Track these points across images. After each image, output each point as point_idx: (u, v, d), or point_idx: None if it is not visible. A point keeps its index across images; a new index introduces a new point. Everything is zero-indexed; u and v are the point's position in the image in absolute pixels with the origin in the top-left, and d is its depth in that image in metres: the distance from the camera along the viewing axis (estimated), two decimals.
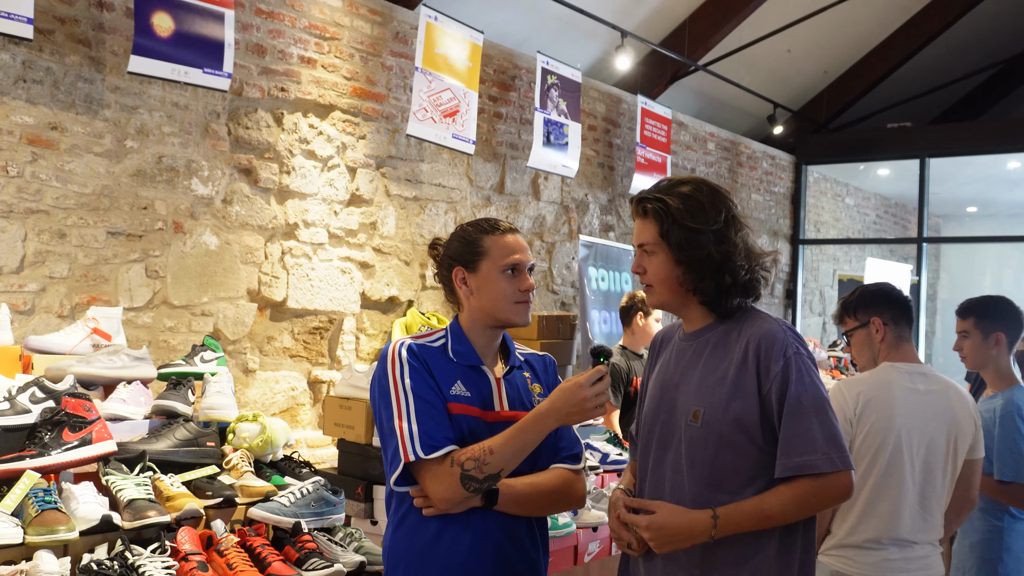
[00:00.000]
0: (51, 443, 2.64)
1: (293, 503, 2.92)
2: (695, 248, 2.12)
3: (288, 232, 4.98)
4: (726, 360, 2.12)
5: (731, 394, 2.09)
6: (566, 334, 5.99)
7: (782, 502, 2.04)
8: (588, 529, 3.72)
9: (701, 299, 2.17)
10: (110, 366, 3.12)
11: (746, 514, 2.05)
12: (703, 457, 2.10)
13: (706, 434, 2.10)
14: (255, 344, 4.87)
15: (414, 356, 2.24)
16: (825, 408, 2.06)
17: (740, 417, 2.07)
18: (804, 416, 2.04)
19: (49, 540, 2.39)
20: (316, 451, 4.88)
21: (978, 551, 3.63)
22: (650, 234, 2.17)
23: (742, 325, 2.15)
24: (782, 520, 2.06)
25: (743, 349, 2.10)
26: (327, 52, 5.15)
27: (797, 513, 2.06)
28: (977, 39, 10.12)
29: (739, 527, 2.05)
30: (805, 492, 2.03)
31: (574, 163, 6.53)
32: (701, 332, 2.21)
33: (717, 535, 2.04)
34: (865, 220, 12.23)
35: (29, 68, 3.94)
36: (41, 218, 3.99)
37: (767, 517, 2.04)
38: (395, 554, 2.25)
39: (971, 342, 3.67)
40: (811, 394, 2.05)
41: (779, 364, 2.06)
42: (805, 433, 2.03)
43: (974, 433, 3.14)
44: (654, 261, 2.18)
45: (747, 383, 2.08)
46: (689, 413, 2.13)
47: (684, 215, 2.12)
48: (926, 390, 3.11)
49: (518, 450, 2.16)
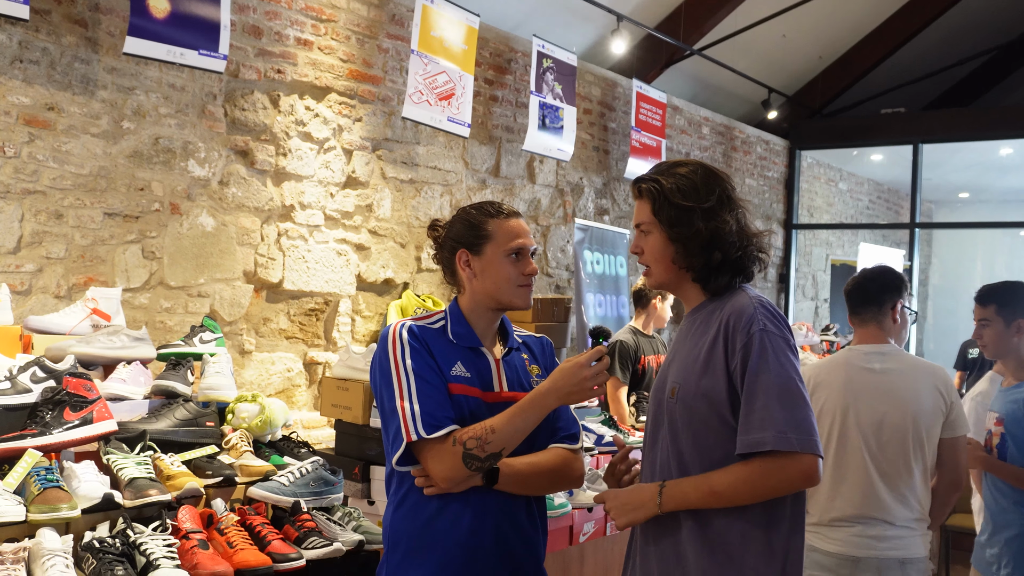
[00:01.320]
0: (52, 422, 2.65)
1: (292, 483, 2.94)
2: (684, 225, 2.12)
3: (284, 214, 4.99)
4: (704, 337, 2.13)
5: (702, 370, 2.08)
6: (561, 317, 6.01)
7: (731, 480, 1.99)
8: (583, 510, 3.76)
9: (694, 276, 2.18)
10: (110, 346, 3.14)
11: (692, 486, 2.03)
12: (681, 434, 2.11)
13: (681, 410, 2.10)
14: (251, 325, 4.89)
15: (415, 337, 2.26)
16: (789, 387, 1.99)
17: (709, 393, 2.06)
18: (763, 393, 1.98)
19: (51, 518, 2.41)
20: (312, 432, 4.91)
21: (1015, 546, 3.43)
22: (645, 213, 2.20)
23: (725, 303, 2.14)
24: (732, 499, 2.00)
25: (717, 325, 2.10)
26: (324, 34, 5.14)
27: (748, 493, 1.99)
28: (971, 26, 10.14)
29: (684, 499, 2.03)
30: (756, 472, 1.97)
31: (569, 147, 6.53)
32: (696, 311, 2.23)
33: (664, 505, 2.04)
34: (858, 205, 12.28)
35: (26, 48, 3.93)
36: (38, 199, 3.99)
37: (714, 493, 2.00)
38: (396, 533, 2.27)
39: (992, 330, 3.53)
40: (774, 372, 1.99)
41: (743, 340, 2.03)
42: (762, 410, 1.97)
43: (946, 411, 3.14)
44: (650, 240, 2.20)
45: (716, 359, 2.07)
46: (670, 390, 2.16)
47: (675, 194, 2.14)
48: (882, 369, 3.17)
49: (519, 429, 2.18)
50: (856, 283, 3.37)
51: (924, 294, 12.66)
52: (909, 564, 3.06)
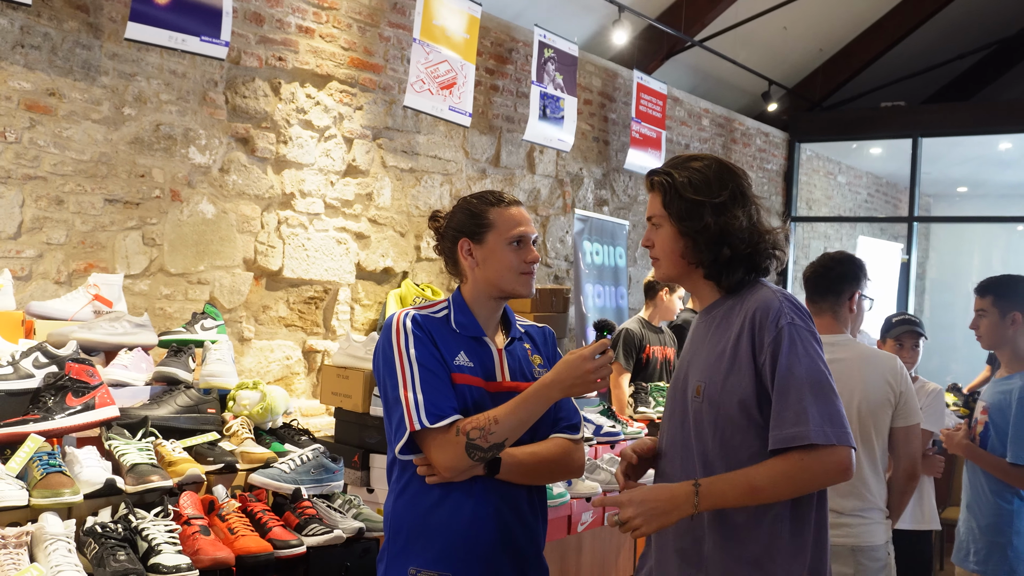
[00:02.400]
0: (55, 407, 2.66)
1: (293, 470, 2.96)
2: (694, 219, 2.11)
3: (284, 202, 4.99)
4: (727, 334, 2.10)
5: (729, 368, 2.05)
6: (560, 307, 6.03)
7: (772, 474, 1.95)
8: (582, 499, 3.78)
9: (705, 273, 2.17)
10: (112, 332, 3.14)
11: (730, 484, 1.97)
12: (706, 433, 2.08)
13: (707, 409, 2.07)
14: (251, 313, 4.89)
15: (418, 327, 2.27)
16: (821, 381, 1.99)
17: (737, 391, 2.03)
18: (795, 388, 1.96)
19: (54, 503, 2.42)
20: (311, 420, 4.92)
21: (988, 534, 3.58)
22: (656, 206, 2.19)
23: (745, 299, 2.12)
24: (772, 495, 1.97)
25: (741, 321, 2.08)
26: (325, 22, 5.13)
27: (788, 488, 1.96)
28: (972, 19, 10.13)
29: (723, 497, 1.97)
30: (797, 465, 1.94)
31: (569, 137, 6.53)
32: (711, 308, 2.21)
33: (700, 505, 1.96)
34: (856, 198, 12.28)
35: (27, 33, 3.92)
36: (39, 184, 3.99)
37: (754, 489, 1.96)
38: (398, 521, 2.29)
39: (988, 321, 3.62)
40: (804, 365, 1.98)
41: (772, 335, 2.01)
42: (797, 405, 1.95)
43: (895, 401, 3.16)
44: (660, 233, 2.19)
45: (743, 356, 2.04)
46: (693, 388, 2.12)
47: (687, 188, 2.13)
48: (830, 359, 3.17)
49: (523, 420, 2.19)
50: (815, 270, 3.36)
51: (921, 288, 12.67)
52: (859, 552, 3.09)
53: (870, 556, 3.10)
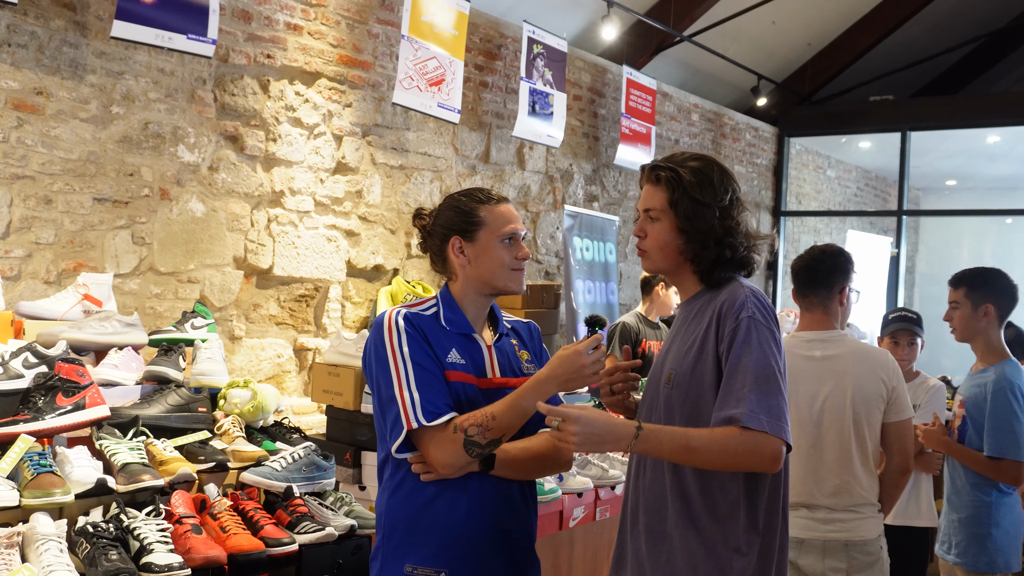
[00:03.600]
0: (45, 408, 2.65)
1: (284, 468, 2.96)
2: (701, 220, 2.20)
3: (274, 200, 4.98)
4: (700, 325, 2.20)
5: (697, 356, 2.16)
6: (550, 303, 6.03)
7: (708, 439, 2.02)
8: (574, 495, 3.79)
9: (695, 268, 2.25)
10: (102, 332, 3.13)
11: (670, 436, 2.04)
12: (673, 418, 2.18)
13: (676, 396, 2.18)
14: (241, 311, 4.89)
15: (411, 325, 2.27)
16: (768, 375, 2.06)
17: (703, 378, 2.14)
18: (741, 375, 2.05)
19: (45, 503, 2.41)
20: (302, 418, 4.91)
21: (967, 526, 3.62)
22: (659, 200, 2.25)
23: (720, 293, 2.22)
24: (705, 460, 2.04)
25: (711, 313, 2.18)
26: (313, 19, 5.12)
27: (720, 458, 2.03)
28: (960, 13, 10.17)
29: (658, 446, 2.04)
30: (731, 436, 2.01)
31: (559, 133, 6.53)
32: (692, 300, 2.30)
33: (636, 447, 2.02)
34: (846, 193, 12.32)
35: (14, 32, 3.91)
36: (27, 184, 3.98)
37: (689, 448, 2.03)
38: (392, 518, 2.29)
39: (960, 313, 3.66)
40: (755, 357, 2.06)
41: (731, 325, 2.11)
42: (739, 390, 2.04)
43: (888, 396, 3.18)
44: (656, 227, 2.25)
45: (709, 344, 2.15)
46: (666, 376, 2.23)
47: (695, 188, 2.20)
48: (822, 356, 3.21)
49: (519, 415, 2.21)
50: (805, 263, 3.35)
51: (911, 281, 12.71)
52: (852, 546, 3.11)
53: (862, 550, 3.12)
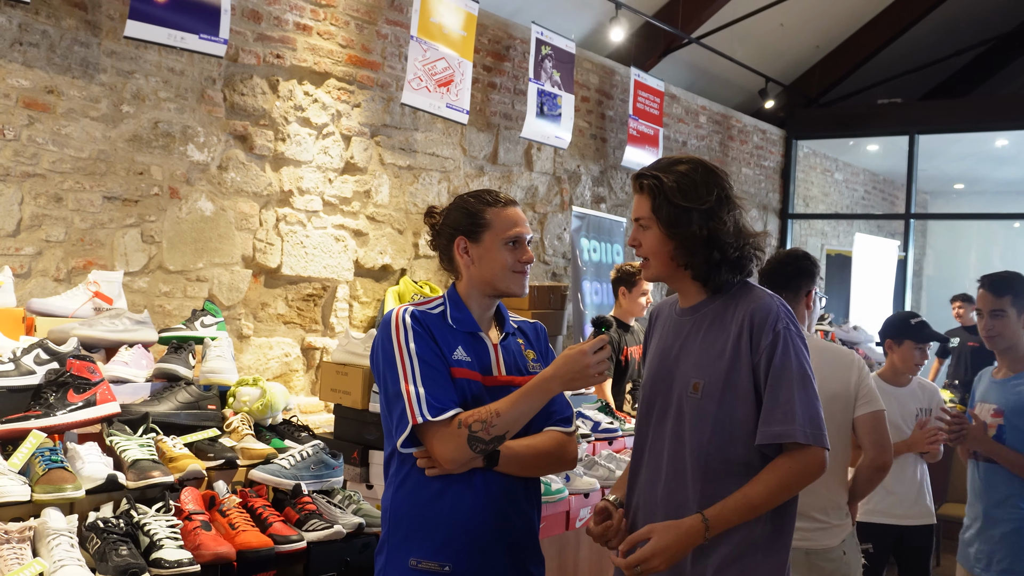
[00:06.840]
0: (56, 404, 2.67)
1: (293, 465, 2.97)
2: (682, 225, 2.20)
3: (283, 199, 5.00)
4: (724, 333, 2.21)
5: (729, 366, 2.17)
6: (557, 304, 6.04)
7: (767, 490, 2.10)
8: (580, 495, 3.79)
9: (693, 274, 2.25)
10: (112, 329, 3.15)
11: (733, 508, 2.10)
12: (703, 427, 2.17)
13: (706, 405, 2.18)
14: (249, 310, 4.90)
15: (417, 322, 2.30)
16: (806, 384, 2.13)
17: (737, 388, 2.15)
18: (786, 387, 2.11)
19: (56, 498, 2.44)
20: (310, 417, 4.93)
21: (1009, 541, 3.41)
22: (644, 209, 2.26)
23: (738, 300, 2.23)
24: (770, 506, 2.12)
25: (739, 322, 2.19)
26: (323, 19, 5.14)
27: (782, 495, 2.12)
28: (968, 16, 10.15)
29: (728, 523, 2.10)
30: (783, 474, 2.10)
31: (567, 134, 6.54)
32: (698, 307, 2.29)
33: (711, 534, 2.09)
34: (854, 195, 12.31)
35: (25, 31, 3.93)
36: (38, 182, 4.00)
37: (753, 508, 2.10)
38: (397, 514, 2.31)
39: (1006, 321, 3.48)
40: (795, 367, 2.12)
41: (769, 337, 2.14)
42: (786, 404, 2.10)
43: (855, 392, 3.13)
44: (648, 235, 2.27)
45: (742, 355, 2.16)
46: (689, 385, 2.21)
47: (675, 193, 2.20)
48: None
49: (523, 413, 2.23)
50: (772, 267, 3.34)
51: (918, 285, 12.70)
52: (815, 555, 3.08)
53: (824, 558, 3.09)
